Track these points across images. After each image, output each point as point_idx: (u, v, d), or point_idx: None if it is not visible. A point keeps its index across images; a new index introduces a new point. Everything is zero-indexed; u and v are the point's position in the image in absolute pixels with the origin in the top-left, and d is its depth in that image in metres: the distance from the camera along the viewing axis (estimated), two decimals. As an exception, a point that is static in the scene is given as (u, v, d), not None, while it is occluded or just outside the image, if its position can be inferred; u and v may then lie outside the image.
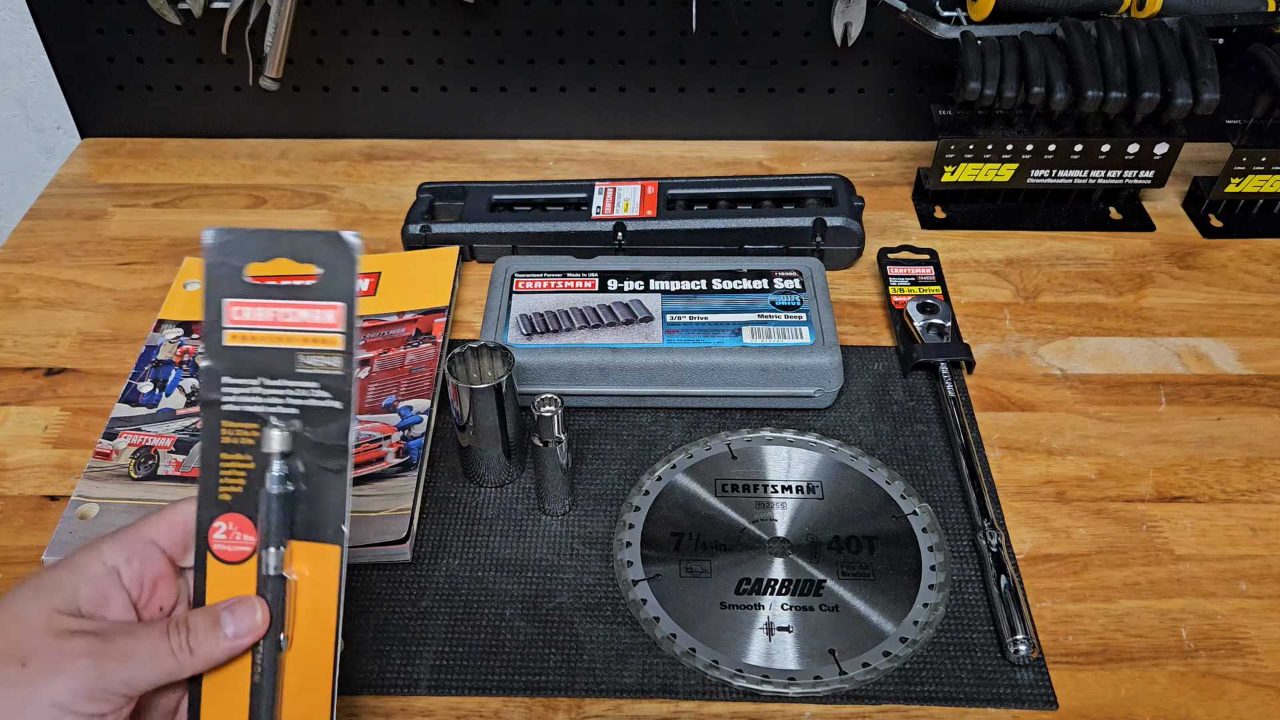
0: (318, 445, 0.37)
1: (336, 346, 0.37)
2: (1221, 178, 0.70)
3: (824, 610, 0.48)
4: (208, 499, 0.37)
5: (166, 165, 0.79)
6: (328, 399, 0.37)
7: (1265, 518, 0.53)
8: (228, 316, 0.37)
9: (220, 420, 0.37)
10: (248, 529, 0.37)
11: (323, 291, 0.37)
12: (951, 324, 0.62)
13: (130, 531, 0.37)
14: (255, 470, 0.37)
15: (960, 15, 0.70)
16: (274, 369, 0.37)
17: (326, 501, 0.37)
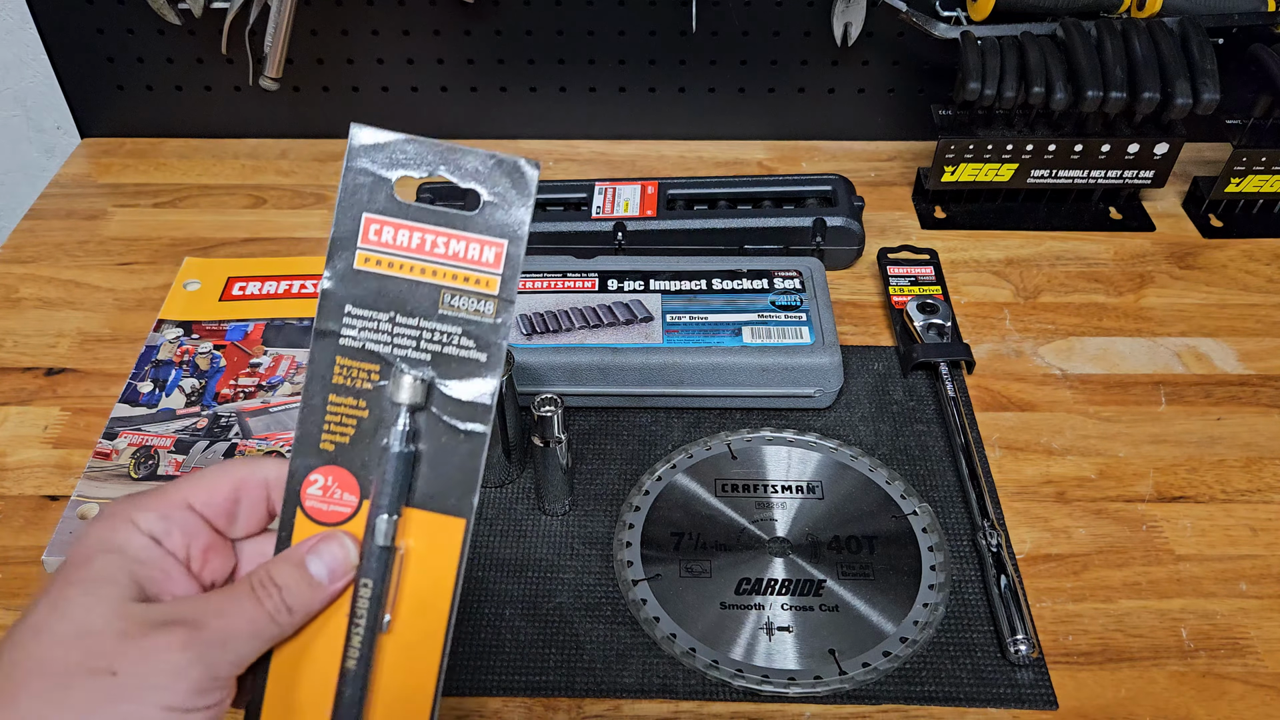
0: (452, 401, 0.32)
1: (491, 290, 0.32)
2: (1221, 178, 0.70)
3: (824, 610, 0.48)
4: (306, 445, 0.32)
5: (166, 165, 0.79)
6: (471, 350, 0.32)
7: (1265, 518, 0.53)
8: (364, 234, 0.31)
9: (335, 355, 0.32)
10: (350, 486, 0.32)
11: (485, 224, 0.31)
12: (951, 324, 0.62)
13: (162, 496, 0.31)
14: (368, 420, 0.32)
15: (960, 15, 0.70)
16: (411, 305, 0.32)
17: (455, 467, 0.32)
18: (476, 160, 0.31)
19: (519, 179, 0.31)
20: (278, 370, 0.60)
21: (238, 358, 0.60)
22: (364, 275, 0.32)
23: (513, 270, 0.32)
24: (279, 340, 0.62)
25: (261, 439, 0.55)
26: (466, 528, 0.32)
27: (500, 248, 0.31)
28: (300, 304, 0.64)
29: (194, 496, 0.31)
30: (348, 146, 0.31)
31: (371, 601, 0.31)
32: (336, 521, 0.32)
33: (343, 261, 0.32)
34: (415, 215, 0.31)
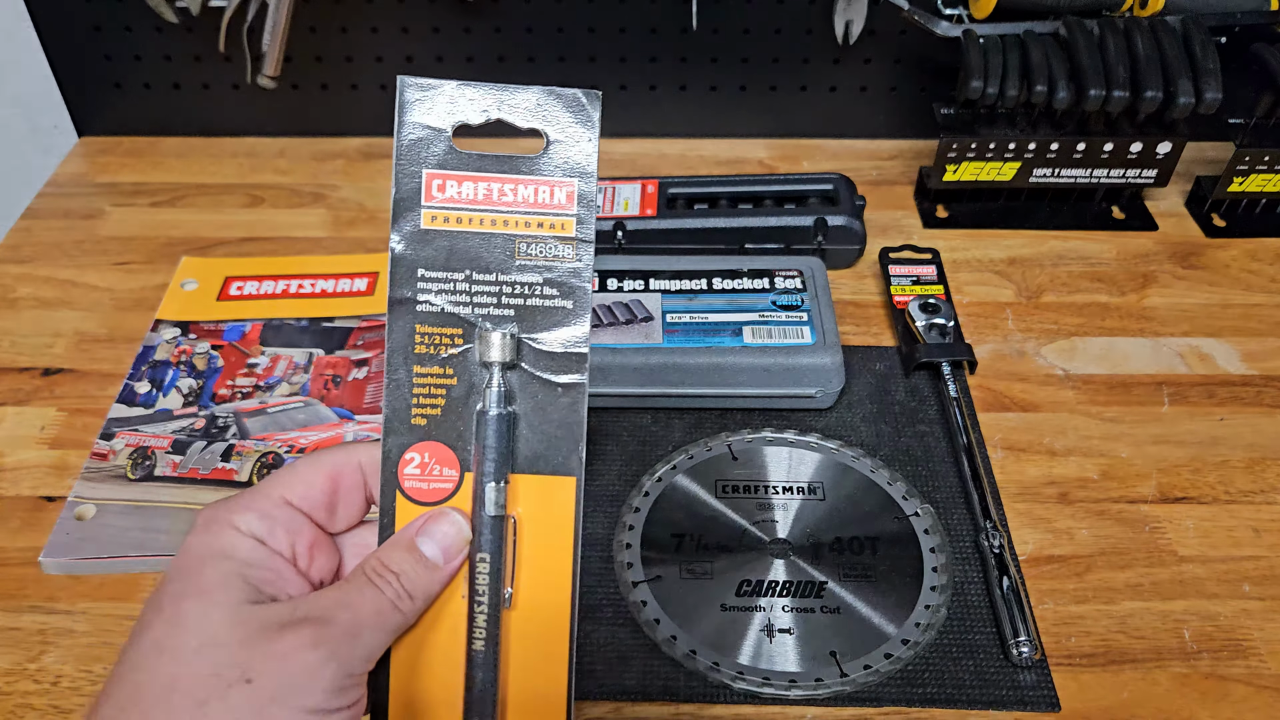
0: (543, 354, 0.30)
1: (567, 233, 0.30)
2: (1224, 177, 0.70)
3: (825, 612, 0.48)
4: (397, 423, 0.30)
5: (164, 164, 0.79)
6: (554, 298, 0.30)
7: (1268, 519, 0.53)
8: (428, 192, 0.30)
9: (414, 324, 0.30)
10: (448, 460, 0.30)
11: (552, 164, 0.30)
12: (953, 324, 0.62)
13: (258, 495, 0.30)
14: (458, 388, 0.30)
15: (962, 13, 0.70)
16: (486, 260, 0.30)
17: (556, 424, 0.30)
18: (533, 98, 0.30)
19: (580, 112, 0.30)
20: (275, 370, 0.59)
21: (235, 358, 0.60)
22: (433, 235, 0.30)
23: (587, 209, 0.30)
24: (277, 340, 0.61)
25: (259, 439, 0.55)
26: (578, 486, 0.30)
27: (571, 187, 0.30)
28: (298, 304, 0.64)
29: (291, 492, 0.30)
30: (398, 101, 0.30)
31: (491, 576, 0.30)
32: (439, 499, 0.30)
33: (409, 223, 0.30)
34: (478, 165, 0.30)
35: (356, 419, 0.56)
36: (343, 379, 0.59)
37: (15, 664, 0.46)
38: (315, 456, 0.31)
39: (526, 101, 0.30)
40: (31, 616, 0.48)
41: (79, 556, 0.49)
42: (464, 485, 0.30)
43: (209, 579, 0.28)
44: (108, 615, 0.48)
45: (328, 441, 0.55)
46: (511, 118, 0.30)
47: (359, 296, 0.64)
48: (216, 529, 0.29)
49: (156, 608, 0.27)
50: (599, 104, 0.30)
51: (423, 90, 0.30)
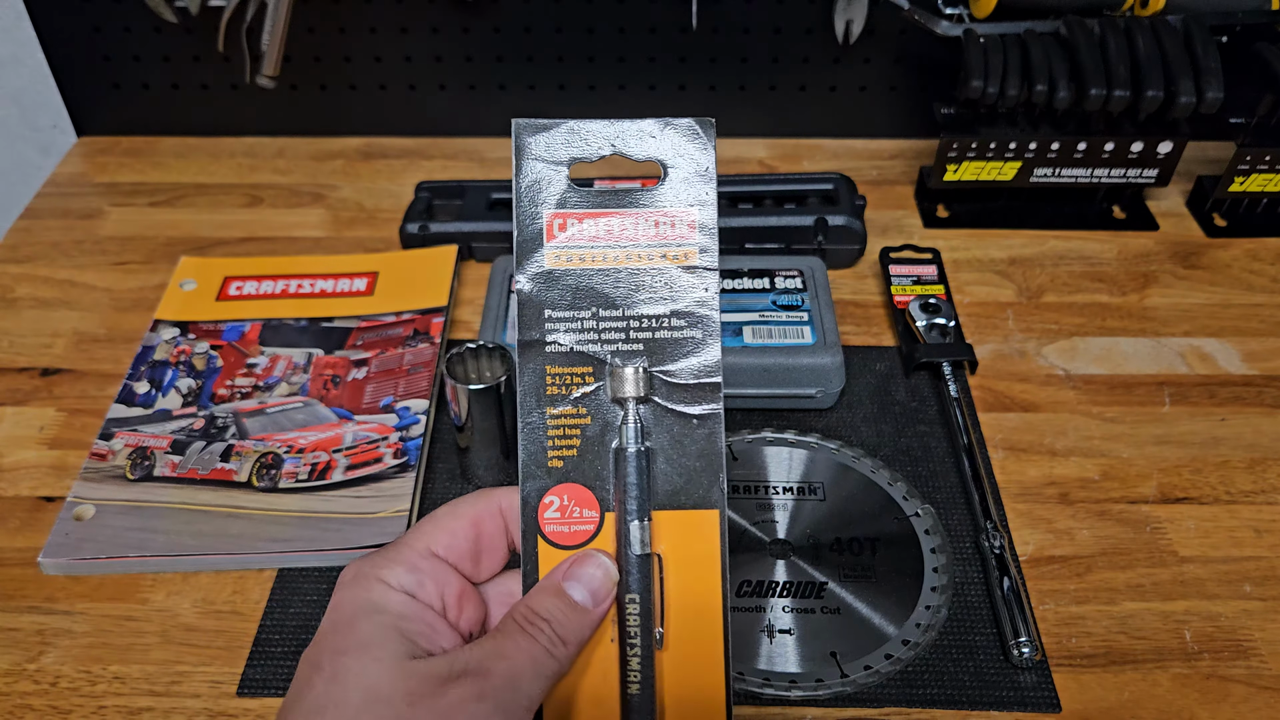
0: (676, 386, 0.30)
1: (690, 262, 0.30)
2: (1225, 177, 0.69)
3: (825, 613, 0.48)
4: (534, 466, 0.30)
5: (163, 164, 0.79)
6: (683, 328, 0.30)
7: (1269, 519, 0.53)
8: (549, 232, 0.30)
9: (545, 365, 0.30)
10: (588, 501, 0.30)
11: (671, 195, 0.30)
12: (954, 324, 0.62)
13: (404, 548, 0.30)
14: (592, 426, 0.30)
15: (963, 13, 0.69)
16: (612, 296, 0.30)
17: (694, 456, 0.30)
18: (648, 129, 0.30)
19: (696, 140, 0.30)
20: (274, 370, 0.59)
21: (234, 358, 0.60)
22: (557, 275, 0.30)
23: (709, 236, 0.30)
24: (276, 340, 0.61)
25: (259, 439, 0.55)
26: (721, 518, 0.30)
27: (691, 216, 0.30)
28: (297, 304, 0.64)
29: (436, 543, 0.30)
30: (514, 144, 0.30)
31: (642, 617, 0.29)
32: (581, 542, 0.30)
33: (533, 265, 0.30)
34: (598, 201, 0.30)
35: (356, 419, 0.56)
36: (342, 379, 0.59)
37: (14, 664, 0.46)
38: (456, 505, 0.31)
39: (641, 133, 0.30)
40: (30, 617, 0.48)
41: (78, 557, 0.49)
42: (606, 525, 0.30)
43: (365, 634, 0.27)
44: (107, 616, 0.48)
45: (327, 441, 0.55)
46: (627, 151, 0.30)
47: (358, 296, 0.64)
48: (365, 584, 0.29)
49: (314, 665, 0.27)
50: (713, 131, 0.30)
51: (539, 131, 0.30)
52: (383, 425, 0.55)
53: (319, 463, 0.53)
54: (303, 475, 0.53)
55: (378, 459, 0.54)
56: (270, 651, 0.47)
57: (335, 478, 0.53)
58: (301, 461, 0.53)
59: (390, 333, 0.61)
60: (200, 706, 0.45)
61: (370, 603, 0.28)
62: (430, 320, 0.62)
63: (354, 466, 0.53)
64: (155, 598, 0.49)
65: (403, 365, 0.59)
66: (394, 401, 0.57)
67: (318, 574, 0.50)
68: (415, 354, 0.60)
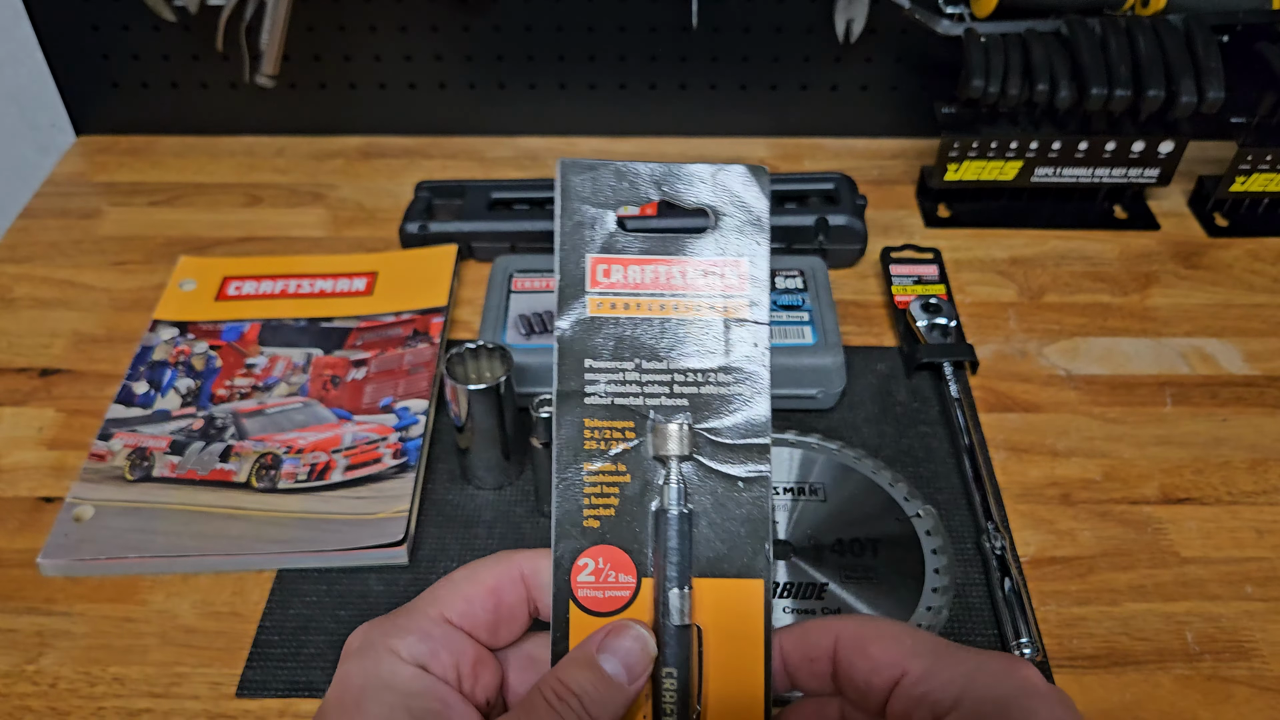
0: (721, 446, 0.29)
1: (740, 315, 0.29)
2: (1227, 176, 0.69)
3: (826, 614, 0.48)
4: (568, 526, 0.28)
5: (162, 163, 0.78)
6: (729, 384, 0.29)
7: (1271, 520, 0.53)
8: (592, 278, 0.29)
9: (583, 418, 0.28)
10: (624, 565, 0.28)
11: (721, 243, 0.29)
12: (955, 324, 0.62)
13: (416, 614, 0.28)
14: (631, 485, 0.28)
15: (964, 12, 0.69)
16: (656, 347, 0.29)
17: (739, 520, 0.28)
18: (697, 176, 0.29)
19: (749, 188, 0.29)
20: (274, 371, 0.59)
21: (233, 358, 0.60)
22: (599, 323, 0.29)
23: (759, 289, 0.29)
24: (275, 340, 0.61)
25: (258, 440, 0.55)
26: (766, 588, 0.28)
27: (741, 266, 0.29)
28: (297, 304, 0.64)
29: (451, 609, 0.28)
30: (559, 185, 0.29)
31: (679, 693, 0.27)
32: (615, 609, 0.28)
33: (574, 312, 0.29)
34: (645, 246, 0.29)
35: (355, 419, 0.56)
36: (341, 379, 0.59)
37: (13, 666, 0.46)
38: (475, 569, 0.29)
39: (691, 178, 0.29)
40: (29, 618, 0.48)
41: (77, 558, 0.49)
42: (642, 591, 0.28)
43: (371, 714, 0.26)
44: (106, 617, 0.48)
45: (326, 442, 0.54)
46: (676, 195, 0.29)
47: (358, 296, 0.64)
48: (374, 655, 0.27)
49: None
50: (768, 179, 0.29)
51: (584, 171, 0.29)
52: (382, 426, 0.55)
53: (318, 463, 0.53)
54: (302, 476, 0.53)
55: (377, 459, 0.53)
56: (270, 653, 0.47)
57: (335, 478, 0.53)
58: (301, 462, 0.53)
59: (390, 333, 0.61)
60: (200, 708, 0.45)
61: (379, 679, 0.27)
62: (430, 320, 0.62)
63: (353, 467, 0.53)
64: (154, 599, 0.49)
65: (402, 365, 0.59)
66: (393, 402, 0.57)
67: (317, 575, 0.50)
68: (415, 354, 0.60)
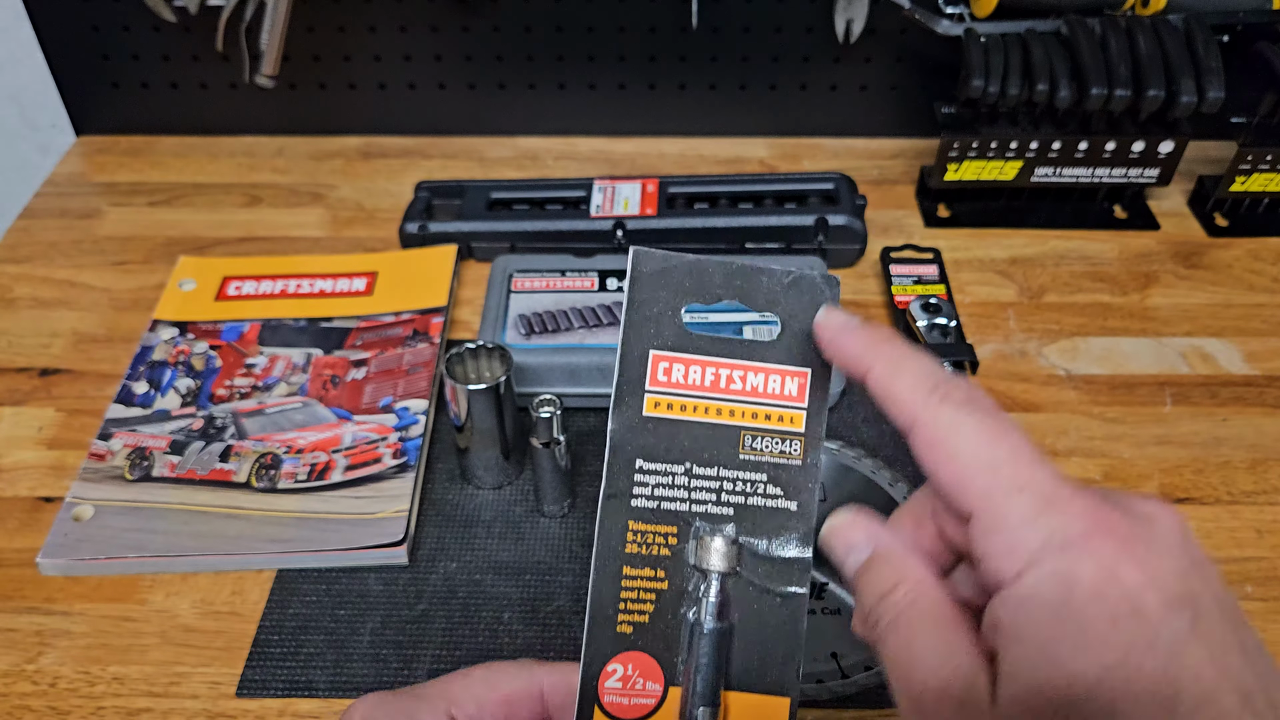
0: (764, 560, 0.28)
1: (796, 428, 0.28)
2: (1227, 176, 0.69)
3: (826, 614, 0.47)
4: (601, 629, 0.27)
5: (162, 163, 0.78)
6: (778, 497, 0.28)
7: (1271, 519, 0.52)
8: (652, 375, 0.28)
9: (627, 520, 0.28)
10: (653, 673, 0.27)
11: (785, 351, 0.28)
12: (955, 324, 0.62)
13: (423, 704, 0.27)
14: (668, 591, 0.27)
15: (964, 12, 0.69)
16: (708, 453, 0.28)
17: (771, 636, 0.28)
18: (771, 281, 0.28)
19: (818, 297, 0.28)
20: (273, 370, 0.59)
21: (233, 358, 0.60)
22: (654, 422, 0.28)
23: (819, 405, 0.28)
24: (275, 340, 0.61)
25: (257, 440, 0.55)
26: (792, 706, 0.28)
27: (803, 378, 0.28)
28: (296, 304, 0.64)
29: (460, 709, 0.27)
30: (630, 274, 0.28)
31: None
32: (640, 716, 0.27)
33: (630, 409, 0.28)
34: (708, 347, 0.28)
35: (355, 419, 0.56)
36: (341, 379, 0.58)
37: (13, 665, 0.46)
38: (493, 672, 0.28)
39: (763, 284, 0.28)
40: (29, 618, 0.48)
41: (77, 557, 0.49)
42: (668, 701, 0.27)
43: None
44: (105, 616, 0.48)
45: (326, 442, 0.54)
46: (749, 298, 0.28)
47: (357, 296, 0.64)
48: None
49: None
50: (839, 290, 0.29)
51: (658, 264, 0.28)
52: (382, 425, 0.55)
53: (318, 463, 0.53)
54: (302, 476, 0.53)
55: (377, 459, 0.53)
56: (269, 652, 0.47)
57: (334, 478, 0.53)
58: (300, 462, 0.53)
59: (389, 333, 0.61)
60: (199, 707, 0.45)
61: None
62: (430, 320, 0.62)
63: (353, 467, 0.53)
64: (154, 598, 0.49)
65: (402, 365, 0.59)
66: (393, 402, 0.57)
67: (317, 575, 0.50)
68: (414, 354, 0.60)
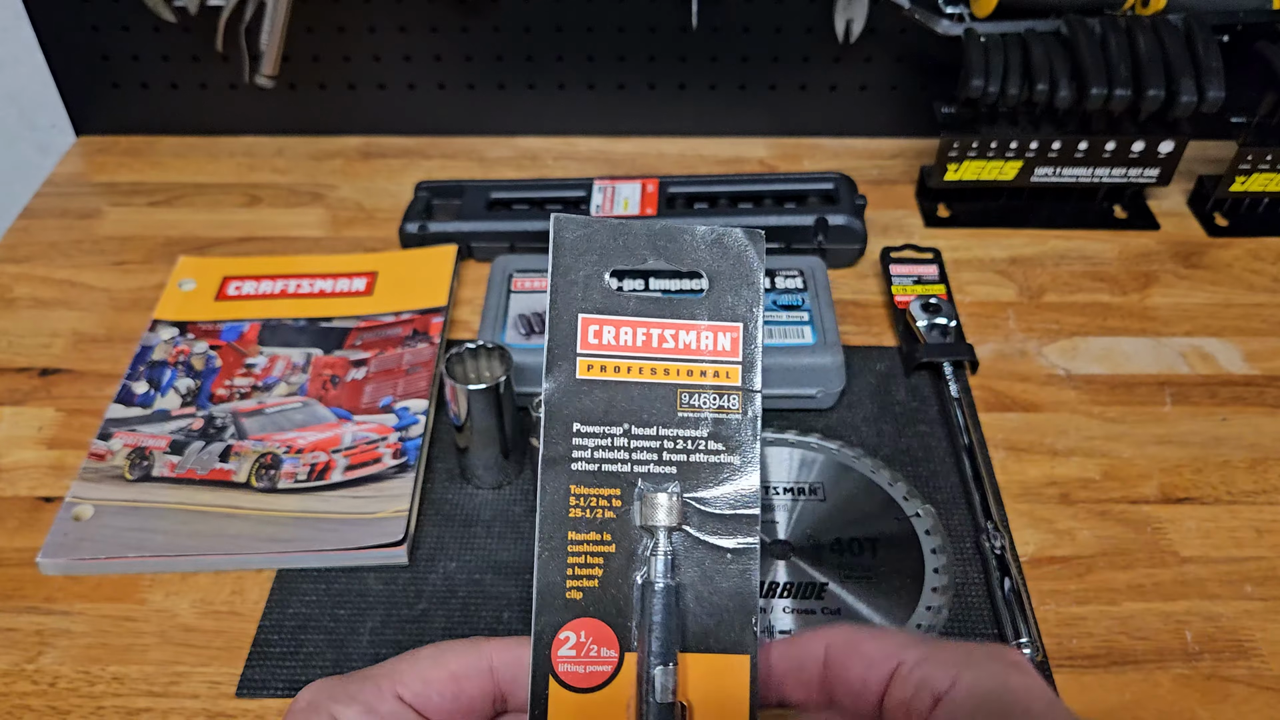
0: (709, 516, 0.28)
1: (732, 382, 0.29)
2: (1227, 176, 0.69)
3: (826, 613, 0.48)
4: (550, 598, 0.27)
5: (162, 163, 0.78)
6: (719, 452, 0.29)
7: (1270, 519, 0.52)
8: (583, 339, 0.28)
9: (569, 484, 0.28)
10: (607, 639, 0.27)
11: (715, 308, 0.29)
12: (955, 323, 0.62)
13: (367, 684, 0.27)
14: (616, 555, 0.27)
15: (963, 12, 0.69)
16: (646, 413, 0.28)
17: (726, 594, 0.28)
18: (693, 239, 0.28)
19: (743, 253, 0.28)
20: (273, 370, 0.59)
21: (233, 358, 0.60)
22: (588, 385, 0.28)
23: (752, 357, 0.29)
24: (274, 340, 0.61)
25: (257, 440, 0.55)
26: (752, 665, 0.27)
27: (735, 332, 0.29)
28: (296, 304, 0.64)
29: (406, 687, 0.27)
30: (552, 241, 0.28)
31: None
32: (597, 684, 0.27)
33: (563, 373, 0.28)
34: (638, 308, 0.28)
35: (355, 419, 0.56)
36: (340, 379, 0.59)
37: (13, 665, 0.46)
38: (441, 650, 0.28)
39: (685, 244, 0.28)
40: (29, 617, 0.48)
41: (77, 557, 0.49)
42: (625, 666, 0.27)
43: None
44: (105, 616, 0.48)
45: (326, 442, 0.54)
46: (671, 257, 0.28)
47: (357, 296, 0.64)
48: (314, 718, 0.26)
49: None
50: (764, 244, 0.29)
51: (579, 229, 0.28)
52: (382, 425, 0.55)
53: (318, 463, 0.53)
54: (302, 475, 0.53)
55: (377, 459, 0.53)
56: (269, 652, 0.47)
57: (334, 478, 0.53)
58: (300, 462, 0.53)
59: (389, 333, 0.61)
60: (199, 707, 0.45)
61: None
62: (429, 320, 0.62)
63: (353, 467, 0.53)
64: (154, 598, 0.49)
65: (402, 365, 0.59)
66: (393, 401, 0.57)
67: (316, 574, 0.50)
68: (414, 354, 0.60)
